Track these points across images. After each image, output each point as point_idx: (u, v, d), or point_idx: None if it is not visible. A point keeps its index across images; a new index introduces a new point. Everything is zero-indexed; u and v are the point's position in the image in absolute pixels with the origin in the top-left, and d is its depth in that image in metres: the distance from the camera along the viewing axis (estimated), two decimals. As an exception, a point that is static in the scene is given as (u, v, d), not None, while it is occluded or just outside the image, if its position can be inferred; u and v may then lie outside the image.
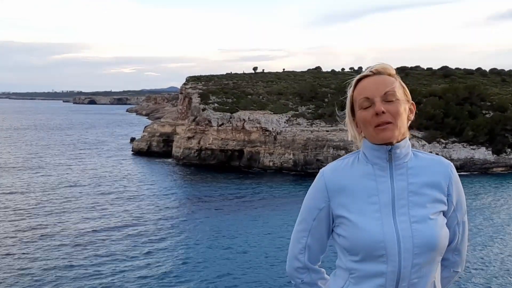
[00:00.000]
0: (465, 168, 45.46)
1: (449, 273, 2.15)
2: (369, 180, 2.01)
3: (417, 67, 75.04)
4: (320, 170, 2.14)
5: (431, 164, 2.05)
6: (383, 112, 1.92)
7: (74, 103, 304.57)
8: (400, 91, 1.99)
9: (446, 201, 2.02)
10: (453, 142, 47.43)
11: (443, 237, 1.95)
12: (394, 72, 2.04)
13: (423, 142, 46.31)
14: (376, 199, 1.97)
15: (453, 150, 46.67)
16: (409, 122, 2.04)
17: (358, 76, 2.05)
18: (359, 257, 1.96)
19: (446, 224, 2.02)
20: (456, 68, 73.77)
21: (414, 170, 2.01)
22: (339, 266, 2.09)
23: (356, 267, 1.98)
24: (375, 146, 2.00)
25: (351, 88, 2.06)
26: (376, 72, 2.01)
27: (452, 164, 2.08)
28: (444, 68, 71.97)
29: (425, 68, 74.47)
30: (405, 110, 2.00)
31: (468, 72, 71.41)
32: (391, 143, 1.98)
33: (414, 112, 2.07)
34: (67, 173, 45.15)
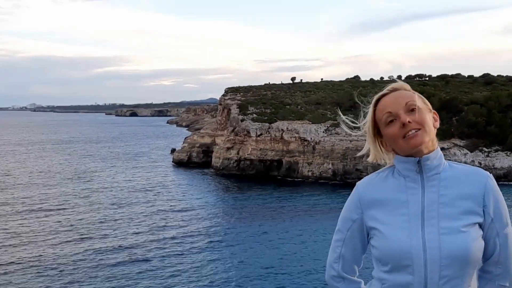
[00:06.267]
0: (509, 177, 44.37)
1: (495, 286, 2.10)
2: (400, 193, 2.04)
3: (458, 74, 73.60)
4: (356, 183, 2.21)
5: (466, 175, 2.04)
6: (409, 122, 1.96)
7: (116, 115, 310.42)
8: (420, 100, 2.04)
9: (482, 213, 1.99)
10: (496, 150, 46.41)
11: (474, 249, 1.93)
12: (409, 88, 2.10)
13: (465, 150, 45.51)
14: (405, 210, 2.00)
15: (496, 159, 45.65)
16: (435, 129, 2.07)
17: (376, 96, 2.11)
18: (388, 268, 2.00)
19: (485, 236, 2.01)
20: (498, 75, 72.04)
21: (447, 181, 2.01)
22: (374, 277, 2.12)
23: (386, 277, 2.02)
24: (404, 159, 2.03)
25: (371, 109, 2.12)
26: (393, 90, 2.08)
27: (490, 174, 2.06)
28: (486, 75, 70.46)
29: (466, 76, 72.96)
30: (430, 118, 2.04)
31: (510, 79, 69.56)
32: (420, 153, 2.01)
33: (438, 120, 2.10)
34: (110, 184, 46.41)
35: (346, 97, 57.76)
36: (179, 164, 59.46)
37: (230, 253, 26.11)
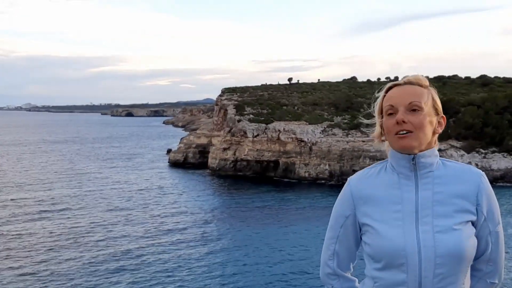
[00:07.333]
0: (506, 179, 44.31)
1: (485, 284, 2.11)
2: (394, 189, 2.03)
3: (455, 76, 73.61)
4: (348, 179, 2.20)
5: (460, 173, 2.03)
6: (403, 122, 1.95)
7: (112, 115, 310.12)
8: (429, 103, 2.01)
9: (475, 211, 2.00)
10: (493, 152, 46.37)
11: (468, 247, 1.93)
12: (427, 83, 2.06)
13: (462, 152, 45.45)
14: (399, 207, 1.99)
15: (493, 160, 45.60)
16: (436, 135, 2.05)
17: (389, 84, 2.10)
18: (381, 265, 1.98)
19: (477, 234, 2.00)
20: (495, 77, 72.10)
21: (441, 179, 2.01)
22: (366, 275, 2.11)
23: (379, 275, 2.00)
24: (400, 155, 2.02)
25: (382, 94, 2.10)
26: (408, 82, 2.05)
27: (483, 173, 2.06)
28: (483, 77, 70.38)
29: (463, 77, 72.95)
30: (431, 122, 2.01)
31: (507, 81, 69.62)
32: (413, 153, 1.99)
33: (443, 126, 2.07)
34: (105, 186, 46.07)
35: (343, 98, 57.82)
36: (175, 164, 59.19)
37: (226, 255, 25.92)
